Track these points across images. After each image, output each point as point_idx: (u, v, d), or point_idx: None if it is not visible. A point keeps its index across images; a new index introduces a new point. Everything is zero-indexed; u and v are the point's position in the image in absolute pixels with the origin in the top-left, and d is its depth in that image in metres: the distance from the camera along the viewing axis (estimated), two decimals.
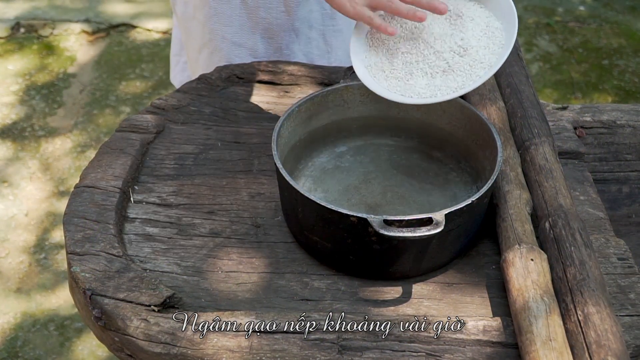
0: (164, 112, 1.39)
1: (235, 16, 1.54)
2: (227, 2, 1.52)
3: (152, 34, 3.41)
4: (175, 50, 1.73)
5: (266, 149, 1.31)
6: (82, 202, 1.18)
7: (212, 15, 1.53)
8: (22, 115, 2.94)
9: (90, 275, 1.06)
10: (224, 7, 1.52)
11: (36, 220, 2.49)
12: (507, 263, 1.05)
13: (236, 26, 1.54)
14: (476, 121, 1.21)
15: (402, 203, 1.17)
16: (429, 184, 1.22)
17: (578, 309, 0.97)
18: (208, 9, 1.53)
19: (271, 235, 1.17)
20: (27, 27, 3.42)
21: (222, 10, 1.52)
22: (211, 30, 1.55)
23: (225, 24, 1.54)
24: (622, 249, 1.16)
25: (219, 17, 1.53)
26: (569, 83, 3.19)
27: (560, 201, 1.13)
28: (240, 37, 1.55)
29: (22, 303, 2.23)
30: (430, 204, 1.18)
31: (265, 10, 1.53)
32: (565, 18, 3.65)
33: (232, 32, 1.55)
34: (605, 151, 1.42)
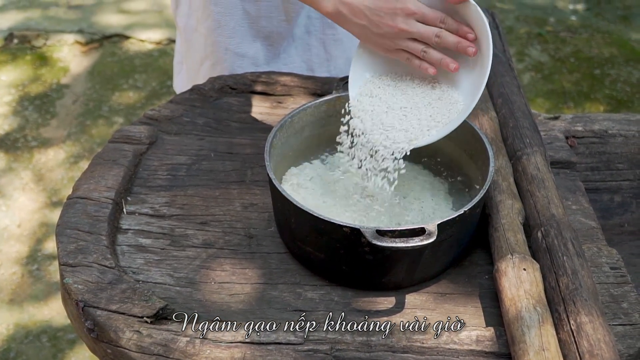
0: (157, 122, 1.39)
1: (238, 27, 1.54)
2: (230, 14, 1.53)
3: (145, 44, 3.42)
4: (178, 58, 1.73)
5: (259, 160, 1.31)
6: (74, 214, 1.18)
7: (216, 27, 1.54)
8: (15, 126, 2.93)
9: (82, 287, 1.06)
10: (227, 19, 1.52)
11: (29, 231, 2.48)
12: (500, 273, 1.05)
13: (239, 37, 1.54)
14: (468, 131, 1.22)
15: (394, 213, 1.17)
16: (421, 194, 1.22)
17: (571, 318, 0.97)
18: (212, 22, 1.54)
19: (264, 245, 1.17)
20: (20, 37, 3.42)
21: (226, 22, 1.53)
22: (214, 43, 1.56)
23: (229, 36, 1.54)
24: (615, 258, 1.16)
25: (223, 29, 1.54)
26: (561, 93, 3.21)
27: (552, 211, 1.14)
28: (243, 48, 1.55)
29: (14, 314, 2.22)
30: (422, 214, 1.18)
31: (266, 19, 1.54)
32: (556, 28, 3.66)
33: (235, 44, 1.55)
34: (597, 160, 1.43)
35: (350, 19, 1.17)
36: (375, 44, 1.19)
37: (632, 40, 3.58)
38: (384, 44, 1.18)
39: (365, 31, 1.18)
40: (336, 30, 1.60)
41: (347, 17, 1.17)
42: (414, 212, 1.18)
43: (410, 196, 1.21)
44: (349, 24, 1.19)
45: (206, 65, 1.59)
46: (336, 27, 1.60)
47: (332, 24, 1.59)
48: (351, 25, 1.19)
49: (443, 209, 1.19)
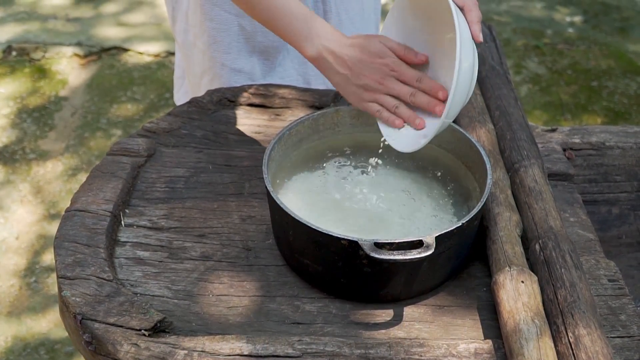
0: (155, 135, 1.40)
1: (234, 43, 1.55)
2: (225, 30, 1.54)
3: (143, 57, 3.42)
4: (178, 73, 1.74)
5: (257, 172, 1.31)
6: (72, 226, 1.18)
7: (212, 43, 1.55)
8: (13, 138, 2.94)
9: (80, 300, 1.06)
10: (223, 35, 1.53)
11: (27, 243, 2.48)
12: (498, 285, 1.05)
13: (235, 53, 1.55)
14: (466, 143, 1.22)
15: (392, 225, 1.18)
16: (419, 206, 1.22)
17: (569, 331, 0.97)
18: (207, 37, 1.55)
19: (262, 258, 1.17)
20: (19, 50, 3.43)
21: (222, 39, 1.54)
22: (211, 58, 1.57)
23: (224, 52, 1.55)
24: (613, 270, 1.16)
25: (218, 45, 1.55)
26: (558, 105, 3.21)
27: (550, 223, 1.14)
28: (239, 63, 1.56)
29: (12, 327, 2.21)
30: (420, 226, 1.18)
31: (262, 35, 1.54)
32: (554, 40, 3.68)
33: (231, 59, 1.56)
34: (594, 172, 1.43)
35: (333, 67, 1.21)
36: (351, 94, 1.21)
37: (629, 52, 3.59)
38: (360, 95, 1.20)
39: (345, 81, 1.21)
40: None
41: (331, 64, 1.21)
42: (411, 224, 1.18)
43: (408, 208, 1.21)
44: (330, 72, 1.22)
45: (205, 79, 1.60)
46: None
47: None
48: (332, 73, 1.22)
49: (441, 221, 1.20)
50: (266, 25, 1.28)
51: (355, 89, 1.20)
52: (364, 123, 1.28)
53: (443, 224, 1.18)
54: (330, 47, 1.20)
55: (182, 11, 1.58)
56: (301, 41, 1.23)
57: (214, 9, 1.52)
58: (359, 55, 1.19)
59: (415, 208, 1.22)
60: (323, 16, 1.59)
